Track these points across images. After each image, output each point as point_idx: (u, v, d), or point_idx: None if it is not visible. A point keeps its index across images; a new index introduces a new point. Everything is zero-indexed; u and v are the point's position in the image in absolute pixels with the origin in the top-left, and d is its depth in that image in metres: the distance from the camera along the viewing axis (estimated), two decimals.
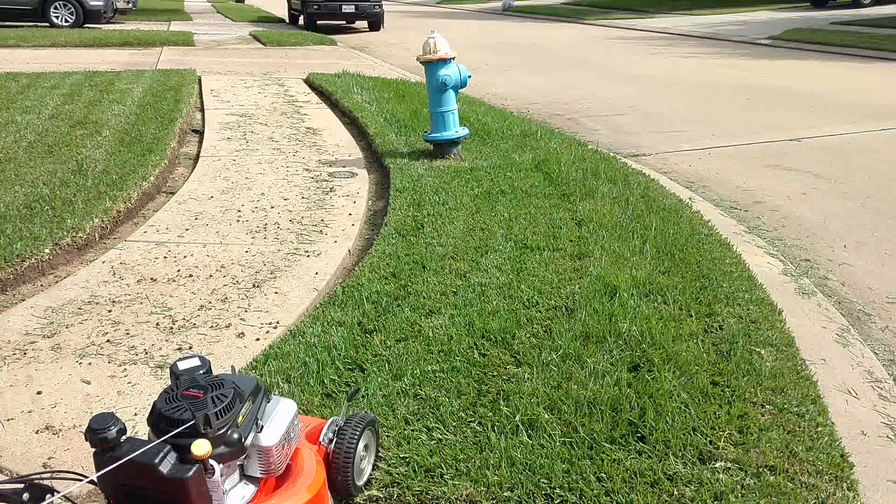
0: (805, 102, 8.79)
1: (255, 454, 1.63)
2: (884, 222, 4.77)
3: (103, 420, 1.45)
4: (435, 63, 5.41)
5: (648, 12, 22.93)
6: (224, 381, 1.59)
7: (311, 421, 2.01)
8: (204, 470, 1.46)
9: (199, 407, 1.49)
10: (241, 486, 1.63)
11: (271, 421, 1.66)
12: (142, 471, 1.41)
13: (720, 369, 2.64)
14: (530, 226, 4.11)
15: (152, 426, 1.52)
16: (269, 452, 1.63)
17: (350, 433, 1.96)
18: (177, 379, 1.61)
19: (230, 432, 1.53)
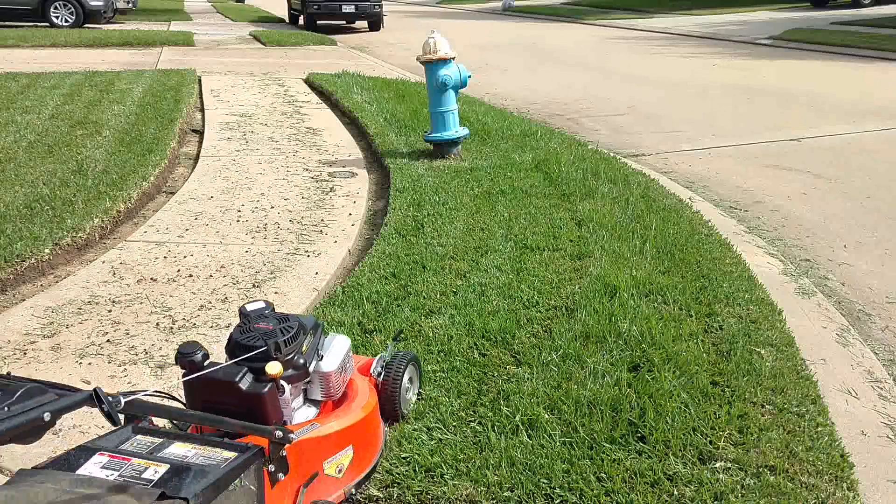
0: (805, 102, 8.79)
1: (316, 379, 1.92)
2: (884, 222, 4.77)
3: (191, 346, 1.74)
4: (435, 63, 5.41)
5: (648, 12, 22.92)
6: (290, 316, 1.85)
7: (361, 359, 2.26)
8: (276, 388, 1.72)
9: (271, 336, 1.76)
10: (305, 407, 1.91)
11: (329, 352, 1.96)
12: (224, 388, 1.65)
13: (720, 369, 2.64)
14: (530, 226, 4.11)
15: (229, 353, 1.78)
16: (328, 377, 1.93)
17: (396, 367, 2.28)
18: (246, 317, 1.85)
19: (296, 358, 1.80)
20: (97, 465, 1.43)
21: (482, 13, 26.21)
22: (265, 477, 1.60)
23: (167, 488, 1.33)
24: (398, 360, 2.31)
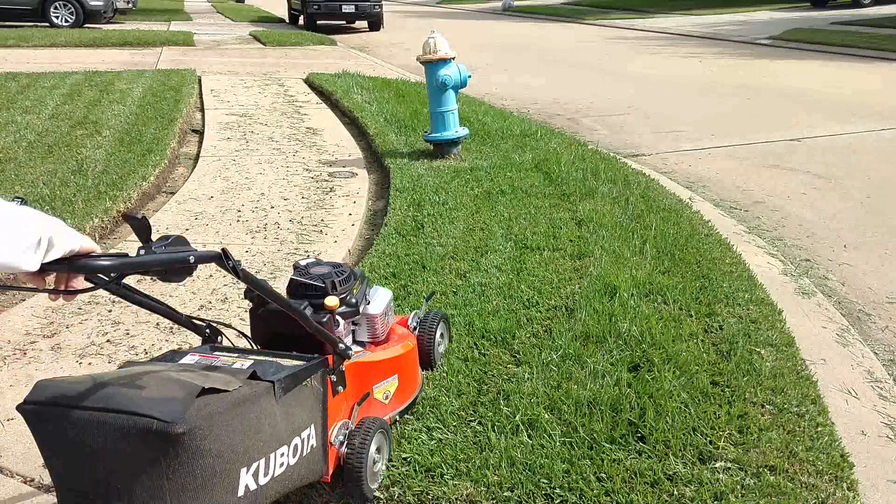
0: (805, 102, 8.79)
1: (364, 322, 2.22)
2: (884, 222, 4.77)
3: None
4: (435, 63, 5.41)
5: (648, 12, 22.92)
6: (342, 264, 2.17)
7: (398, 317, 2.53)
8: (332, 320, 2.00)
9: (328, 277, 2.07)
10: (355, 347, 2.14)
11: (375, 299, 2.27)
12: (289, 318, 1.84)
13: (720, 369, 2.64)
14: (530, 226, 4.11)
15: (290, 293, 2.08)
16: (374, 319, 2.23)
17: (430, 321, 2.62)
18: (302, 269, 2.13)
19: (349, 297, 2.11)
20: (192, 359, 1.78)
21: (482, 13, 26.21)
22: (328, 386, 1.91)
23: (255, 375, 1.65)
24: (431, 317, 2.64)
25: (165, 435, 1.40)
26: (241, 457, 1.55)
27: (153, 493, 1.46)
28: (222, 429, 1.50)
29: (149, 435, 1.41)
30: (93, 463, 1.47)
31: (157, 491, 1.45)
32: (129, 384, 1.51)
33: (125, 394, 1.48)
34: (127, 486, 1.46)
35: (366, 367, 2.12)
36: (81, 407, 1.47)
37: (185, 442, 1.43)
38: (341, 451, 1.96)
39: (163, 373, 1.60)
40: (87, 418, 1.46)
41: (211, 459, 1.49)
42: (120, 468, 1.46)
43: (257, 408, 1.60)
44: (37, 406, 1.52)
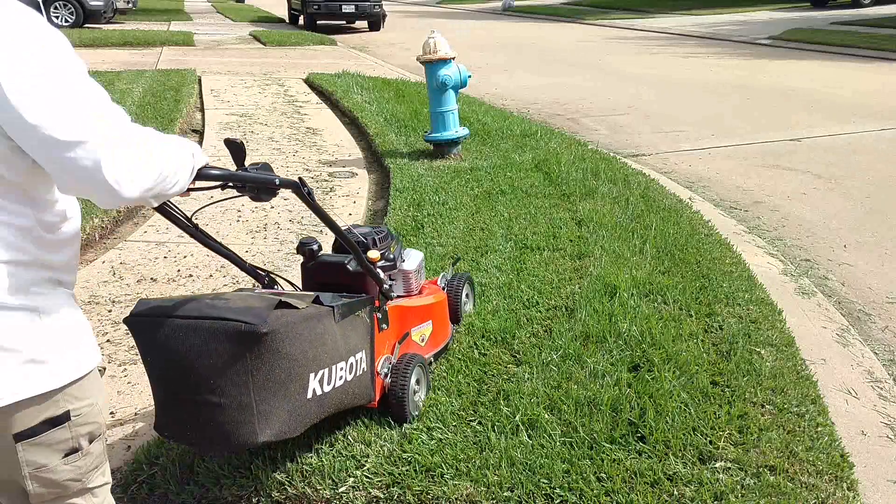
0: (805, 102, 8.79)
1: (399, 277, 2.52)
2: (884, 222, 4.77)
3: (309, 239, 2.33)
4: (435, 63, 5.41)
5: (648, 12, 22.92)
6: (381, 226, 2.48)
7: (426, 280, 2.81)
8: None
9: (369, 235, 2.38)
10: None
11: (408, 258, 2.59)
12: (335, 269, 2.25)
13: (720, 369, 2.64)
14: (530, 226, 4.11)
15: (336, 250, 2.43)
16: (409, 275, 2.55)
17: (456, 281, 2.96)
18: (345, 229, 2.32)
19: (388, 253, 2.42)
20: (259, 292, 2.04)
21: (482, 13, 26.21)
22: (375, 322, 2.20)
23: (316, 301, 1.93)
24: (458, 277, 2.99)
25: (252, 335, 1.67)
26: (310, 363, 1.84)
27: (239, 387, 1.70)
28: (296, 336, 1.78)
29: (238, 335, 1.67)
30: (188, 362, 1.70)
31: (242, 386, 1.70)
32: (216, 300, 1.78)
33: (215, 305, 1.74)
34: (217, 382, 1.70)
35: (405, 311, 2.44)
36: (178, 316, 1.72)
37: (268, 342, 1.70)
38: (386, 382, 2.28)
39: (243, 294, 1.96)
40: (184, 324, 1.70)
41: (287, 361, 1.76)
42: (211, 366, 1.69)
43: (321, 325, 1.89)
44: (140, 317, 1.76)
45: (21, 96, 1.13)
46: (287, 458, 2.19)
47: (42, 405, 1.27)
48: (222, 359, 1.69)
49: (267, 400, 1.75)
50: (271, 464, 2.17)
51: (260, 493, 2.12)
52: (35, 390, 1.25)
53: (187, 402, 1.76)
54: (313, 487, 2.09)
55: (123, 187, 1.18)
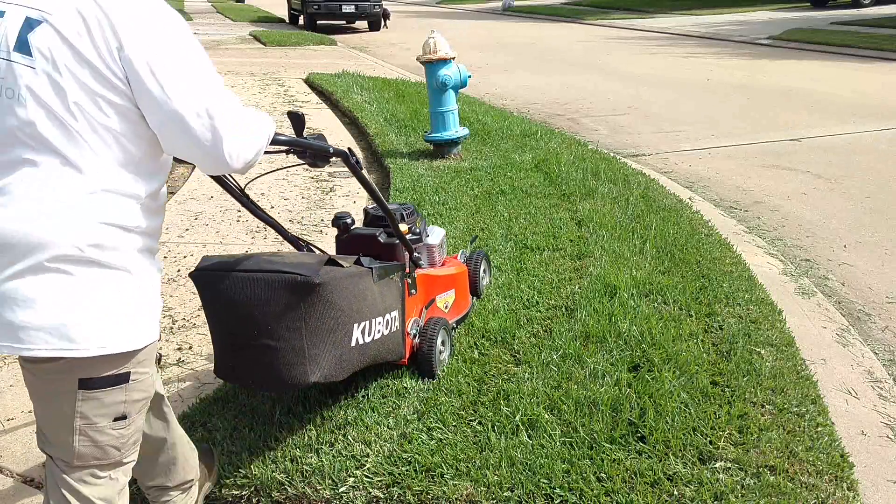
0: (805, 102, 8.79)
1: (424, 251, 2.72)
2: (884, 222, 4.77)
3: (343, 213, 2.56)
4: (435, 63, 5.41)
5: (648, 12, 22.92)
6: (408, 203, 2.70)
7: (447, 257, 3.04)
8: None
9: (397, 210, 2.58)
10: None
11: (432, 233, 2.83)
12: (368, 241, 2.50)
13: (720, 369, 2.64)
14: (530, 226, 4.11)
15: (367, 224, 2.66)
16: (432, 249, 2.77)
17: (475, 257, 3.22)
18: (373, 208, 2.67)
19: (414, 227, 2.65)
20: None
21: (482, 13, 26.22)
22: (406, 286, 2.44)
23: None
24: (476, 254, 3.25)
25: (306, 286, 1.89)
26: (354, 314, 2.07)
27: (293, 332, 1.91)
28: (342, 289, 2.01)
29: (294, 286, 1.88)
30: (249, 310, 1.90)
31: (296, 331, 1.91)
32: (272, 257, 2.00)
33: (272, 261, 1.95)
34: (274, 327, 1.90)
35: (431, 279, 2.69)
36: (240, 270, 1.92)
37: (320, 292, 1.92)
38: (415, 342, 2.54)
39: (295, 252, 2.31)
40: (246, 277, 1.91)
41: (335, 311, 1.99)
42: (269, 313, 1.90)
43: (363, 282, 2.13)
44: (205, 272, 1.95)
45: (159, 77, 1.30)
46: (287, 458, 2.19)
47: (111, 362, 1.41)
48: (279, 307, 1.90)
49: (317, 345, 1.96)
50: (271, 464, 2.17)
51: (260, 493, 2.12)
52: (114, 349, 1.39)
53: (247, 346, 1.95)
54: (313, 487, 2.09)
55: (234, 161, 1.40)
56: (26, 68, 1.31)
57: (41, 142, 1.32)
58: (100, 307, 1.37)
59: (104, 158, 1.36)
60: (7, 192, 1.33)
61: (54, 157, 1.32)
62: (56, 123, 1.31)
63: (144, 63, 1.30)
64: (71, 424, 1.42)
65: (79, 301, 1.35)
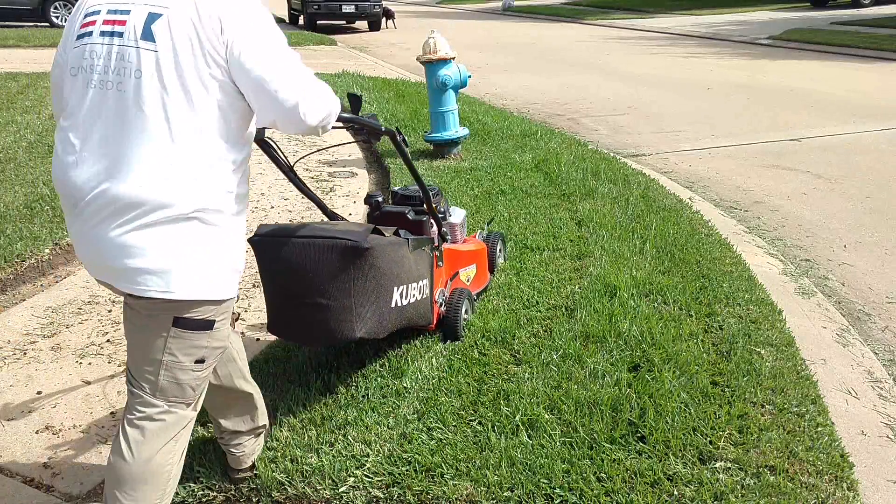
0: (805, 102, 8.79)
1: (447, 228, 2.94)
2: (884, 222, 4.77)
3: (375, 192, 2.90)
4: (435, 63, 5.41)
5: (648, 12, 22.92)
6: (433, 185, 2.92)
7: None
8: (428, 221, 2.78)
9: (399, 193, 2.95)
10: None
11: (454, 213, 3.11)
12: (397, 218, 2.73)
13: (720, 369, 2.64)
14: (530, 226, 4.11)
15: (395, 203, 2.93)
16: (454, 227, 3.05)
17: (492, 237, 3.49)
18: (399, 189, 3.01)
19: (439, 206, 2.88)
20: None
21: (482, 13, 26.21)
22: (434, 258, 2.68)
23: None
24: (493, 234, 3.53)
25: (356, 250, 2.13)
26: (394, 278, 2.32)
27: (343, 292, 2.16)
28: (385, 255, 2.26)
29: (345, 250, 2.13)
30: (303, 272, 2.14)
31: (345, 291, 2.17)
32: (324, 226, 2.27)
33: (324, 228, 2.21)
34: (326, 287, 2.15)
35: (455, 254, 2.97)
36: (296, 236, 2.16)
37: (367, 256, 2.17)
38: (441, 310, 2.81)
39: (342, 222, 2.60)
40: (302, 242, 2.15)
41: (379, 274, 2.24)
42: (322, 274, 2.14)
43: (401, 250, 2.37)
44: (264, 237, 2.19)
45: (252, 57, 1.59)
46: (287, 458, 2.19)
47: (202, 309, 1.68)
48: (331, 269, 2.14)
49: (363, 304, 2.21)
50: (271, 464, 2.17)
51: (260, 493, 2.12)
52: (205, 296, 1.67)
53: (301, 305, 2.19)
54: (313, 487, 2.09)
55: (308, 118, 1.65)
56: (150, 52, 1.56)
57: (161, 115, 1.56)
58: (198, 260, 1.64)
59: (210, 129, 1.61)
60: (131, 159, 1.56)
61: (172, 128, 1.57)
62: (174, 99, 1.57)
63: (239, 43, 1.59)
64: (160, 359, 1.69)
65: (182, 253, 1.61)
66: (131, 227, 1.58)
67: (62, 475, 2.24)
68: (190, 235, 1.61)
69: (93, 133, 1.59)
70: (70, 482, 2.22)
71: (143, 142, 1.56)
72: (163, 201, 1.57)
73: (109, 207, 1.58)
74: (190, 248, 1.62)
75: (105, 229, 1.60)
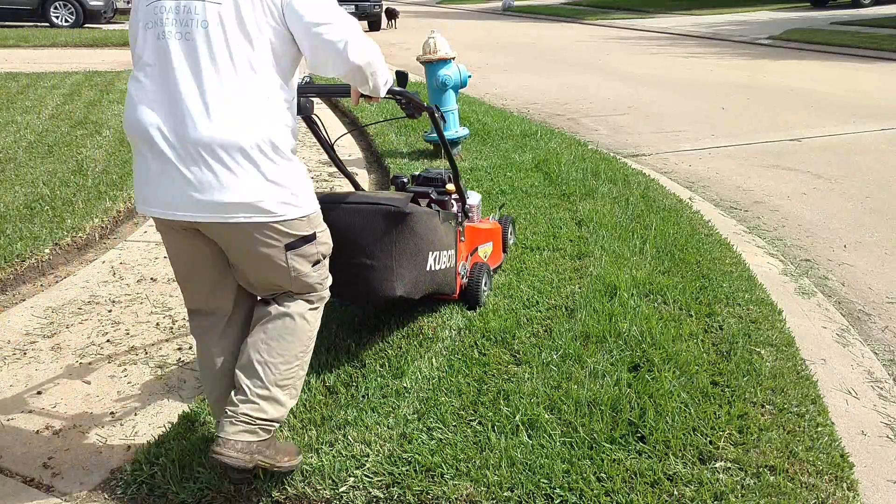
0: (805, 102, 8.79)
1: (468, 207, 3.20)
2: (884, 222, 4.77)
3: (399, 174, 3.32)
4: (435, 63, 5.41)
5: (648, 12, 22.92)
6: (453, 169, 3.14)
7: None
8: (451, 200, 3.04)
9: (445, 172, 3.15)
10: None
11: (471, 196, 3.33)
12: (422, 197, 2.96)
13: (720, 369, 2.64)
14: (530, 226, 4.11)
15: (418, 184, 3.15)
16: (472, 208, 3.25)
17: (504, 221, 3.72)
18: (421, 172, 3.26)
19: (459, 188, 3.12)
20: None
21: (482, 13, 26.21)
22: (458, 232, 2.95)
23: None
24: (504, 218, 3.78)
25: (399, 214, 2.44)
26: (429, 244, 2.63)
27: (386, 253, 2.46)
28: (423, 221, 2.57)
29: (388, 214, 2.44)
30: (351, 235, 2.41)
31: (388, 253, 2.47)
32: (368, 194, 2.62)
33: (368, 196, 2.55)
34: (371, 249, 2.45)
35: (475, 231, 3.23)
36: (344, 202, 2.47)
37: (408, 220, 2.48)
38: (463, 281, 3.06)
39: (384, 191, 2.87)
40: (349, 208, 2.45)
41: (417, 238, 2.54)
42: (367, 237, 2.44)
43: (434, 219, 2.68)
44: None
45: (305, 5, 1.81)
46: None
47: (299, 228, 1.96)
48: (376, 232, 2.42)
49: (403, 265, 2.50)
50: None
51: (260, 493, 2.12)
52: (298, 213, 1.94)
53: (347, 265, 2.40)
54: (313, 487, 2.09)
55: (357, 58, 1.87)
56: (214, 5, 1.79)
57: (226, 59, 1.79)
58: (281, 185, 1.88)
59: (267, 69, 1.85)
60: (205, 100, 1.78)
61: (237, 70, 1.80)
62: (236, 46, 1.80)
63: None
64: (287, 275, 2.00)
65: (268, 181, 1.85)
66: (215, 166, 1.80)
67: (62, 475, 2.25)
68: (267, 163, 1.84)
69: (166, 79, 1.80)
70: (70, 482, 2.22)
71: (213, 84, 1.79)
72: (237, 136, 1.80)
73: (191, 147, 1.78)
74: (270, 174, 1.85)
75: (191, 165, 1.80)
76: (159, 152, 1.80)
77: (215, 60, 1.79)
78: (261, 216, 1.86)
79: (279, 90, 1.88)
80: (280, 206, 1.88)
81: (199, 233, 1.94)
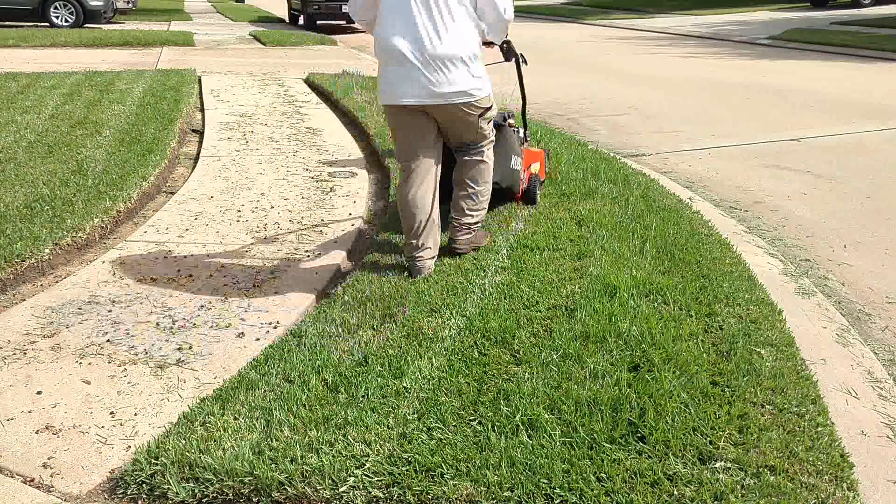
0: (805, 102, 8.79)
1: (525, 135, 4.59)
2: (884, 222, 4.77)
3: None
4: None
5: (648, 12, 22.92)
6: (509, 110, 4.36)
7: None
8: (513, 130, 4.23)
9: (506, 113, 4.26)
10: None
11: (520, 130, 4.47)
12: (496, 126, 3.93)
13: (720, 369, 2.64)
14: (530, 226, 4.11)
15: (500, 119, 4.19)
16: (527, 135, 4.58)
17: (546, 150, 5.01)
18: None
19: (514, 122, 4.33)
20: None
21: None
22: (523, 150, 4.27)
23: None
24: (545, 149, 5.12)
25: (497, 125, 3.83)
26: (511, 148, 4.07)
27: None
28: (509, 134, 4.06)
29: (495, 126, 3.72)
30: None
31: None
32: None
33: None
34: None
35: (529, 153, 4.48)
36: None
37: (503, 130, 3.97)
38: (524, 186, 4.31)
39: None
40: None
41: (508, 144, 4.03)
42: None
43: (513, 134, 4.10)
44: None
45: None
46: (287, 459, 2.19)
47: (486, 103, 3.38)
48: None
49: (498, 163, 3.84)
50: (271, 464, 2.17)
51: (260, 493, 2.12)
52: (486, 94, 3.34)
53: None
54: (313, 487, 2.09)
55: (508, 15, 3.31)
56: None
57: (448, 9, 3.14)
58: (480, 78, 3.27)
59: (467, 16, 3.21)
60: (439, 32, 3.13)
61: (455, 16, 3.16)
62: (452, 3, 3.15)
63: None
64: (476, 130, 3.41)
65: (474, 77, 3.25)
66: (444, 68, 3.15)
67: (62, 475, 2.24)
68: (476, 67, 3.23)
69: (409, 18, 3.13)
70: (70, 482, 2.22)
71: (439, 22, 3.12)
72: (462, 52, 3.16)
73: (430, 59, 3.13)
74: (477, 73, 3.25)
75: (431, 71, 3.14)
76: (411, 65, 3.12)
77: (440, 9, 3.11)
78: (469, 98, 3.23)
79: (473, 26, 3.22)
80: (479, 91, 3.25)
81: (425, 112, 3.27)
